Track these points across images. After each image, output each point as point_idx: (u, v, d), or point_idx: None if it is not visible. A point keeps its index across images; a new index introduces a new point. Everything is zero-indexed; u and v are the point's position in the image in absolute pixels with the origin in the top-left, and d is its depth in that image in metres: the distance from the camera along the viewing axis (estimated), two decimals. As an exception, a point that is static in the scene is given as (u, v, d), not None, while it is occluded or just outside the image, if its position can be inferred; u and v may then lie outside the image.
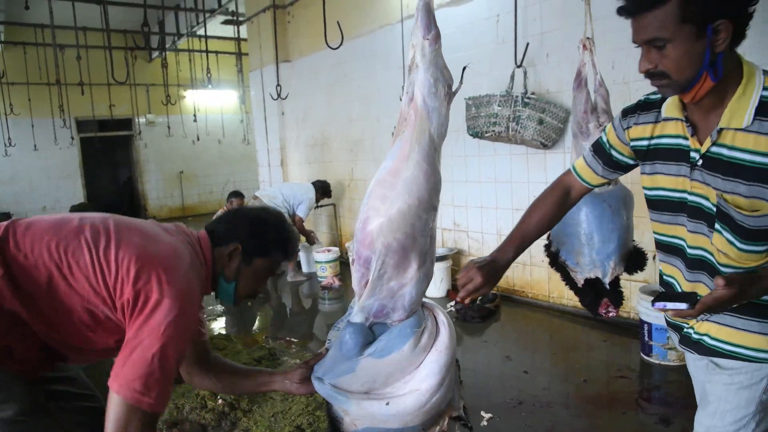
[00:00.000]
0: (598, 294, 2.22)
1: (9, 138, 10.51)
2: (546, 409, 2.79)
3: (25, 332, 1.41)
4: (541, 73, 4.17)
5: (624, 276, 3.84)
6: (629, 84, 3.63)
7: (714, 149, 1.22)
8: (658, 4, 1.12)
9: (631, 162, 1.50)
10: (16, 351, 1.41)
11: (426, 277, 1.57)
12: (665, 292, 1.43)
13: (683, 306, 1.19)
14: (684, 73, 1.16)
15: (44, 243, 1.42)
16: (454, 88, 1.57)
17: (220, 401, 2.82)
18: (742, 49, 1.20)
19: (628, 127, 1.43)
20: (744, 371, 1.31)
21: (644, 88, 4.16)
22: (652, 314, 3.18)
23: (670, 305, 1.21)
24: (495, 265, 1.53)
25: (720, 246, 1.26)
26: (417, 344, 1.51)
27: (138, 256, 1.41)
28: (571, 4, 3.92)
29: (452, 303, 4.55)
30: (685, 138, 1.28)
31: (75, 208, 10.39)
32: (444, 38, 1.60)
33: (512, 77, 4.14)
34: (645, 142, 1.39)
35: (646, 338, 3.24)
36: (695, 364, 1.48)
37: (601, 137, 1.55)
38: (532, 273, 4.52)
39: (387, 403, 1.49)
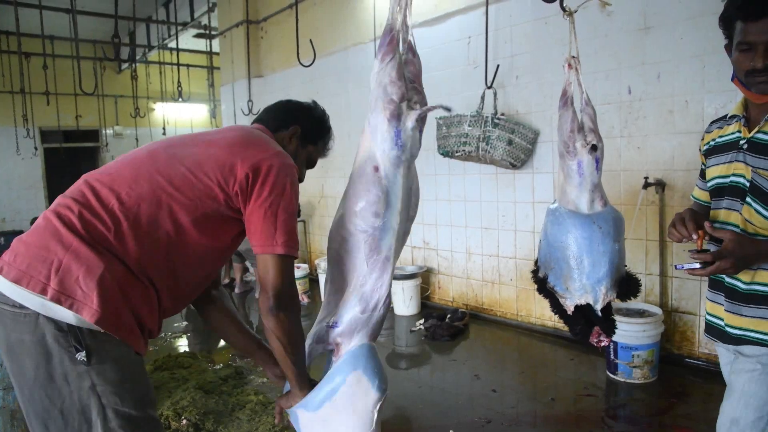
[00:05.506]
0: (589, 322, 2.06)
1: (-32, 147, 10.21)
2: (514, 428, 2.80)
3: (150, 295, 1.39)
4: (510, 94, 4.25)
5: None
6: (596, 107, 3.71)
7: (758, 135, 1.49)
8: None
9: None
10: (147, 322, 1.39)
11: (358, 304, 1.63)
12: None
13: (696, 265, 1.44)
14: None
15: (131, 178, 1.41)
16: (421, 107, 1.55)
17: (184, 421, 2.74)
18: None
19: (701, 139, 1.72)
20: (766, 358, 1.45)
21: (611, 112, 4.23)
22: (618, 333, 3.22)
23: (686, 266, 1.47)
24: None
25: (748, 216, 1.50)
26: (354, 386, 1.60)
27: (232, 145, 1.49)
28: (539, 28, 4.02)
29: (421, 321, 4.55)
30: (740, 131, 1.56)
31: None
32: (417, 58, 1.62)
33: (483, 98, 4.21)
34: (712, 143, 1.65)
35: (612, 356, 3.29)
36: (725, 356, 1.66)
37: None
38: (500, 291, 4.55)
39: None
